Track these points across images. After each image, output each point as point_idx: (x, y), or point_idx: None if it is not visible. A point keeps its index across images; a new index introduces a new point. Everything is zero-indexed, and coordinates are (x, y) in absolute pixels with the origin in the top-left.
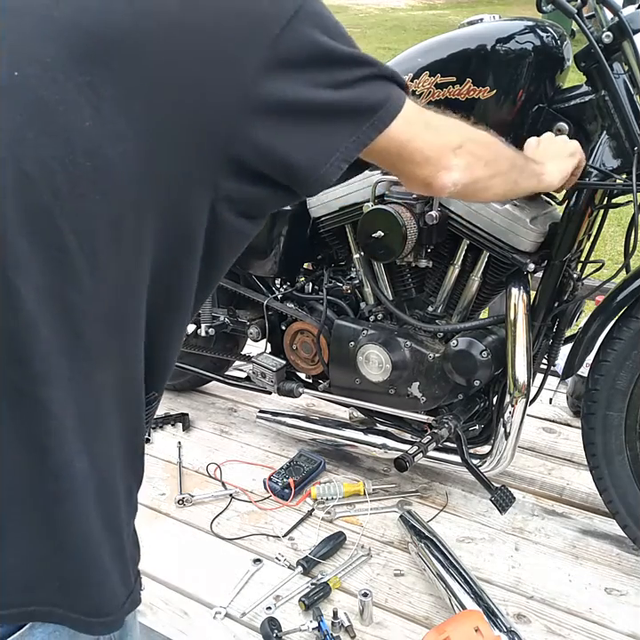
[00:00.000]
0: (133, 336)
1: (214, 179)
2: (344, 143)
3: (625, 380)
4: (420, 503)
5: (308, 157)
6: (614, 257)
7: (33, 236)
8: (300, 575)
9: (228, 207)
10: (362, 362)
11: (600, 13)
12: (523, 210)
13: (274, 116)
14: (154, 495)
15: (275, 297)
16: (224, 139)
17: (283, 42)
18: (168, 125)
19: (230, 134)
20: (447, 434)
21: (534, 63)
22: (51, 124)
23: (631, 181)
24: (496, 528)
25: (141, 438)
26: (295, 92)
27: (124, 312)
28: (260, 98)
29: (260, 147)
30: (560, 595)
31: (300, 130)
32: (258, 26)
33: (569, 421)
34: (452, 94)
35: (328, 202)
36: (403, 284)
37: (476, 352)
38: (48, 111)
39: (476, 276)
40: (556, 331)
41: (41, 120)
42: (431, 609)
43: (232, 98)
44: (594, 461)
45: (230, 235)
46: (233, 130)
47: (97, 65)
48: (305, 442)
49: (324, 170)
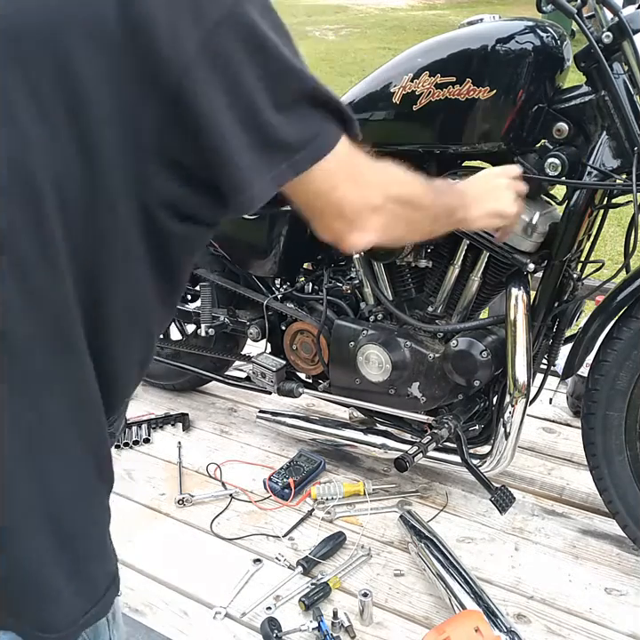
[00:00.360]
0: (76, 358)
1: (147, 180)
2: (261, 180)
3: (625, 380)
4: (420, 503)
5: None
6: (614, 257)
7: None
8: (300, 575)
9: (166, 212)
10: (362, 362)
11: (600, 13)
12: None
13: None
14: (154, 495)
15: (275, 297)
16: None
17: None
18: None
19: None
20: (447, 434)
21: (534, 63)
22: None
23: (631, 181)
24: (496, 528)
25: (107, 450)
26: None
27: (61, 334)
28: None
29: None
30: (560, 595)
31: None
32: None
33: (569, 421)
34: (451, 94)
35: None
36: (403, 284)
37: (475, 352)
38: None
39: (476, 276)
40: (556, 331)
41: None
42: (431, 609)
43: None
44: (594, 461)
45: (176, 240)
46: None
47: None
48: (305, 442)
49: (250, 194)
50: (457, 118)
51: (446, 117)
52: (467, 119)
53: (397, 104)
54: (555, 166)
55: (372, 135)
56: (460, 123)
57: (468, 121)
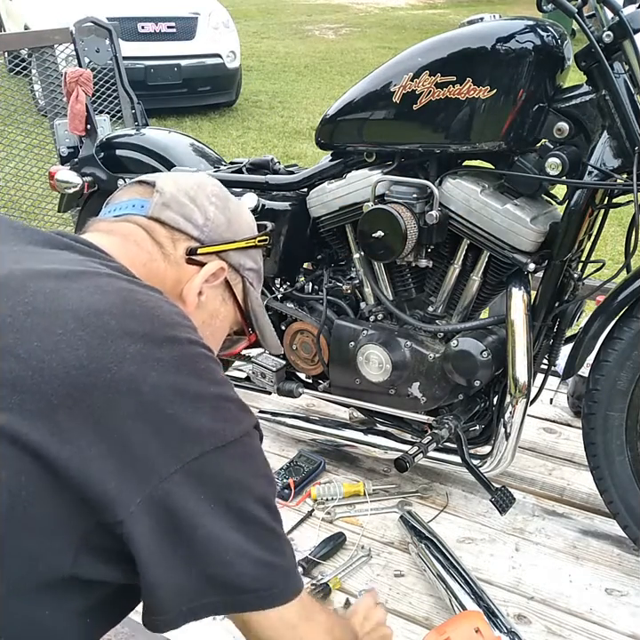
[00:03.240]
0: None
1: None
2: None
3: (625, 380)
4: (421, 504)
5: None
6: (615, 257)
7: None
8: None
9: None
10: (362, 362)
11: (600, 13)
12: (523, 209)
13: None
14: None
15: (274, 297)
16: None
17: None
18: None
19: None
20: (447, 434)
21: (535, 63)
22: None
23: (631, 181)
24: (496, 529)
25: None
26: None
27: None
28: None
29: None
30: (560, 595)
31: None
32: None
33: (569, 422)
34: (452, 94)
35: (328, 201)
36: (403, 283)
37: (476, 352)
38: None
39: (477, 276)
40: (557, 331)
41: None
42: (431, 610)
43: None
44: (594, 462)
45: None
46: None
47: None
48: (305, 442)
49: (172, 616)
50: (457, 118)
51: (446, 117)
52: (467, 119)
53: (397, 103)
54: (555, 166)
55: (372, 135)
56: (460, 122)
57: (468, 120)
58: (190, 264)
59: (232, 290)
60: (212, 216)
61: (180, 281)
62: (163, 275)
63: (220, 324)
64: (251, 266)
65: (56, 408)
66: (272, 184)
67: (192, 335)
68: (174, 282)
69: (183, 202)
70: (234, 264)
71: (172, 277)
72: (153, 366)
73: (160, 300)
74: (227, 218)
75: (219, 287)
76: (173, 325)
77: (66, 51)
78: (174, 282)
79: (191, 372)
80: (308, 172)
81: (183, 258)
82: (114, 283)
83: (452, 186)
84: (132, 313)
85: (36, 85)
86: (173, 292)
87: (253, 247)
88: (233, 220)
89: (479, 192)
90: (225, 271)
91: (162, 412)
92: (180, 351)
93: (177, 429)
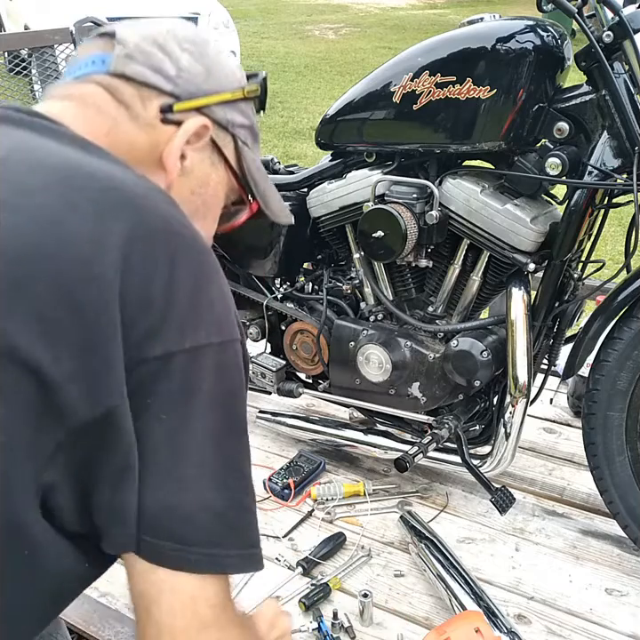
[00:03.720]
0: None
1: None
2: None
3: (626, 380)
4: (421, 504)
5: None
6: (615, 257)
7: None
8: (300, 576)
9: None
10: (362, 362)
11: (600, 13)
12: (523, 209)
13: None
14: None
15: (274, 297)
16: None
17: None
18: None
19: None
20: (447, 434)
21: (535, 62)
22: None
23: (631, 181)
24: (496, 529)
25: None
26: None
27: None
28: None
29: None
30: (561, 595)
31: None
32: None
33: (569, 422)
34: (452, 94)
35: (328, 201)
36: (403, 284)
37: (476, 352)
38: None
39: (477, 276)
40: (557, 331)
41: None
42: (431, 610)
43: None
44: (594, 462)
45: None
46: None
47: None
48: (305, 442)
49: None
50: (457, 118)
51: (446, 117)
52: (467, 118)
53: (397, 103)
54: (555, 166)
55: (372, 135)
56: (460, 122)
57: (468, 120)
58: (167, 124)
59: (221, 151)
60: (185, 65)
61: (156, 145)
62: (132, 141)
63: (213, 192)
64: (241, 122)
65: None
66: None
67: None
68: (150, 147)
69: (150, 51)
70: (220, 120)
71: (144, 143)
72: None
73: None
74: (205, 66)
75: (205, 149)
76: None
77: (66, 51)
78: (150, 147)
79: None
80: (308, 172)
81: (157, 118)
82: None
83: (452, 186)
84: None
85: (36, 85)
86: (149, 158)
87: (242, 99)
88: (213, 68)
89: (479, 192)
90: (209, 129)
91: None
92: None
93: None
